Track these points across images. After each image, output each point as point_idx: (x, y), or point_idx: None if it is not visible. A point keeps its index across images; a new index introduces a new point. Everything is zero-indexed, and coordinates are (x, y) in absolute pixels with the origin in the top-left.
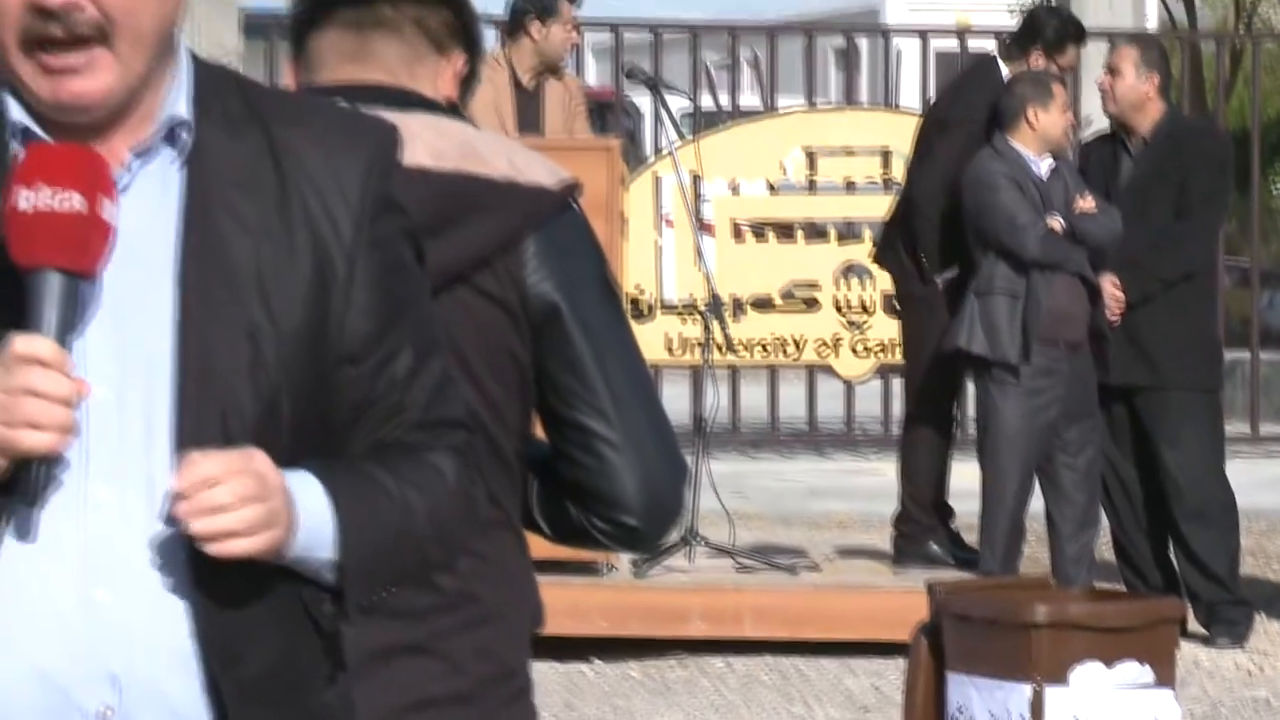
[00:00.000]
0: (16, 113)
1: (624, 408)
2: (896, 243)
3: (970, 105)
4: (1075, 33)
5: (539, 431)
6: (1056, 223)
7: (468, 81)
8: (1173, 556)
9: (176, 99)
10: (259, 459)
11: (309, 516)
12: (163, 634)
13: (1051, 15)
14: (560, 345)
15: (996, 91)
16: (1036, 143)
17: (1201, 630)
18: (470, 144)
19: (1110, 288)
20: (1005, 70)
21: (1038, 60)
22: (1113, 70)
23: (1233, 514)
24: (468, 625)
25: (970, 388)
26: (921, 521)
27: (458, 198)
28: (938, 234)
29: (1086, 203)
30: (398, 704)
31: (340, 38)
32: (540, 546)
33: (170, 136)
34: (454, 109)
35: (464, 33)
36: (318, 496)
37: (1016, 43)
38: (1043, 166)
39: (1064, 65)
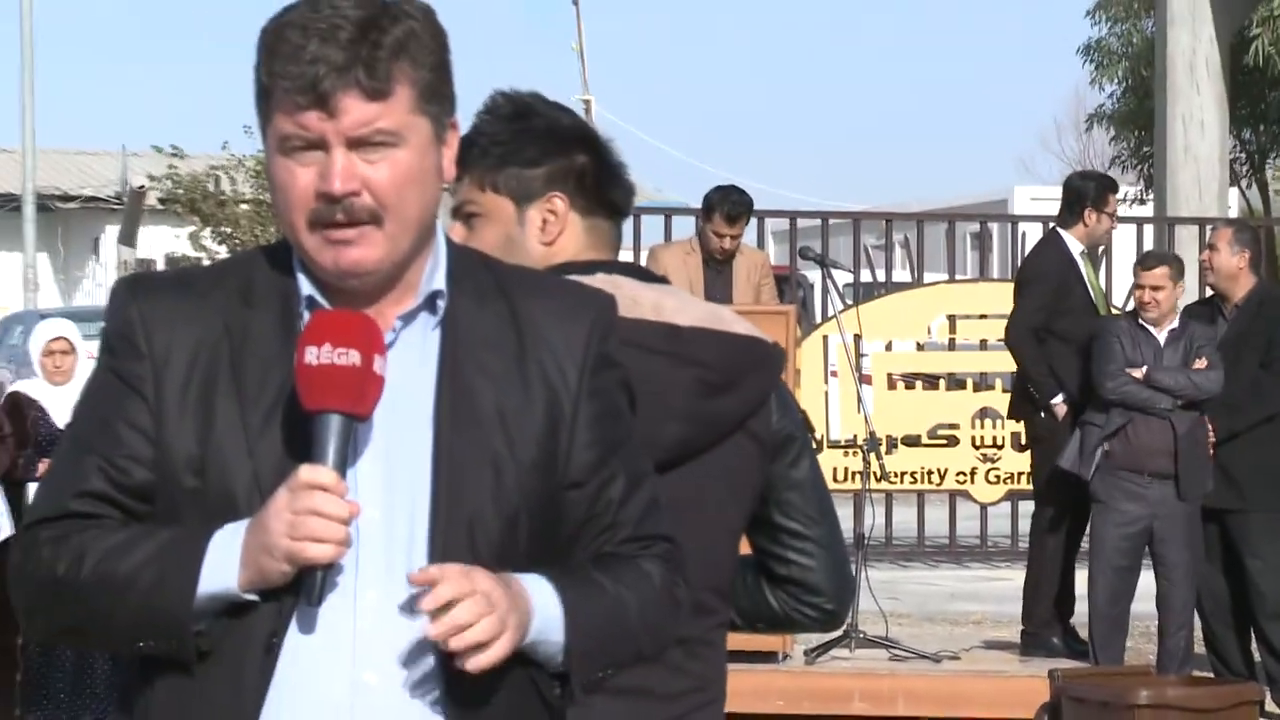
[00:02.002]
0: (306, 286)
1: (825, 517)
2: (1020, 396)
3: (1039, 266)
4: (1110, 183)
5: None
6: (1138, 373)
7: None
8: (1254, 650)
9: (435, 274)
10: (479, 577)
11: (542, 608)
12: (417, 711)
13: (1086, 178)
14: (790, 469)
15: (1060, 253)
16: (1158, 317)
17: (1277, 710)
18: (711, 310)
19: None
20: (1065, 235)
21: (1091, 217)
22: (1211, 247)
23: None
24: (706, 705)
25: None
26: (1044, 619)
27: (746, 355)
28: (1039, 366)
29: (1200, 363)
30: None
31: None
32: (735, 636)
33: (430, 304)
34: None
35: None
36: (549, 593)
37: (1068, 210)
38: (1162, 333)
39: (1110, 213)
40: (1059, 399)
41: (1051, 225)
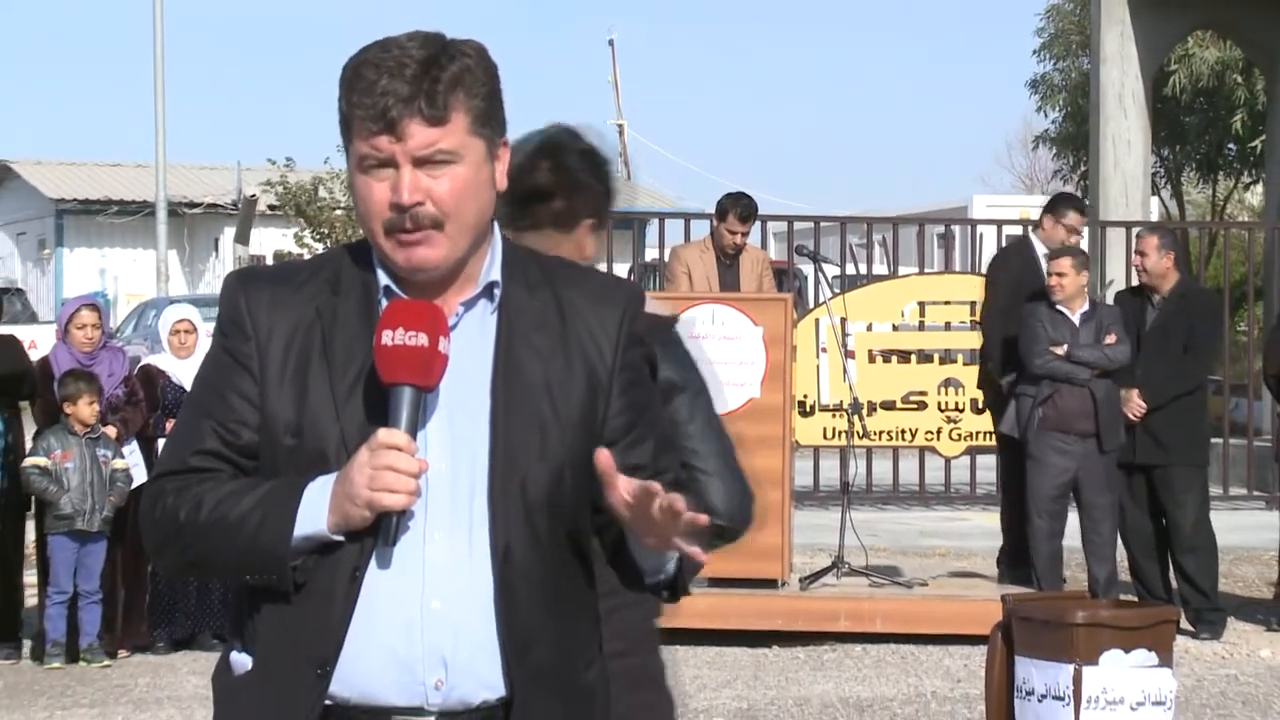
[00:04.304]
0: (384, 278)
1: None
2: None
3: (1010, 266)
4: (1071, 201)
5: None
6: (1060, 350)
7: None
8: (1172, 578)
9: (492, 267)
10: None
11: None
12: (477, 632)
13: (1059, 196)
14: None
15: (1028, 257)
16: (1064, 299)
17: (1190, 628)
18: None
19: (1135, 399)
20: (1035, 240)
21: (1048, 222)
22: (1141, 253)
23: (1214, 549)
24: None
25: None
26: (1016, 555)
27: None
28: (998, 351)
29: (1110, 338)
30: None
31: (537, 238)
32: (743, 566)
33: (488, 293)
34: None
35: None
36: None
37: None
38: (1076, 315)
39: (1068, 225)
40: (1009, 378)
41: (1026, 233)
